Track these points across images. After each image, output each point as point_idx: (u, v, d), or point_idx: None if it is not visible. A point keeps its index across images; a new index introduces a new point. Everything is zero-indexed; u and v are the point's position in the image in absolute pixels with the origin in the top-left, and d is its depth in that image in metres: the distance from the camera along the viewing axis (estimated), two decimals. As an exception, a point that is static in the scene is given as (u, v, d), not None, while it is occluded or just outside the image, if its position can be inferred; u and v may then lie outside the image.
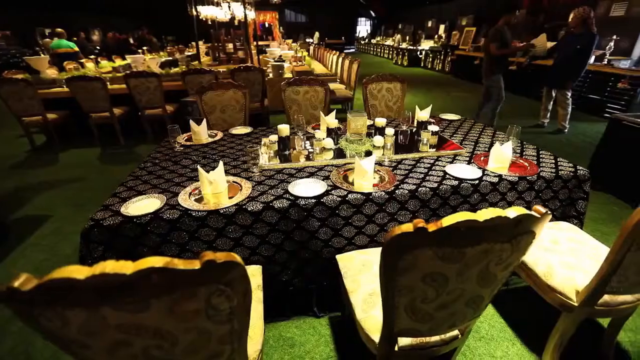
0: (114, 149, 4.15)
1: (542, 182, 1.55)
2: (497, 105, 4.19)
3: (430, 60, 10.68)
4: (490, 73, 4.05)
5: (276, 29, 17.62)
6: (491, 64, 4.00)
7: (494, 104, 4.20)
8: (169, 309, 0.62)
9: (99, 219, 1.23)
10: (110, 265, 0.55)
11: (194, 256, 1.31)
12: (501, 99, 4.17)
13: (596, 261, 1.32)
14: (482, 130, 2.21)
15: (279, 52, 6.50)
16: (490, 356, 1.43)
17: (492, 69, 4.02)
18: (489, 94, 4.24)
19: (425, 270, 0.79)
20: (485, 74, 4.11)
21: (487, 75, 4.09)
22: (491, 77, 4.06)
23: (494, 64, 3.99)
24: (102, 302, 0.58)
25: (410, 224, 0.73)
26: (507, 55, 4.04)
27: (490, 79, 4.08)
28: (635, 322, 1.57)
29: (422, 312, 0.91)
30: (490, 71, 4.04)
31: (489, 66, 4.04)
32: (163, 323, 0.64)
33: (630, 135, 2.43)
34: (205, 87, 2.70)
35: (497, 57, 3.91)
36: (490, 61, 4.01)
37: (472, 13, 9.78)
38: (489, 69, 4.04)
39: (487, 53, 4.01)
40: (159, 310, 0.61)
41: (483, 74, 4.17)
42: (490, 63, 4.01)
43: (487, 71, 4.08)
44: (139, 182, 1.52)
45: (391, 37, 15.21)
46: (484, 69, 4.13)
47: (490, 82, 4.11)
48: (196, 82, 3.98)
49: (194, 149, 1.96)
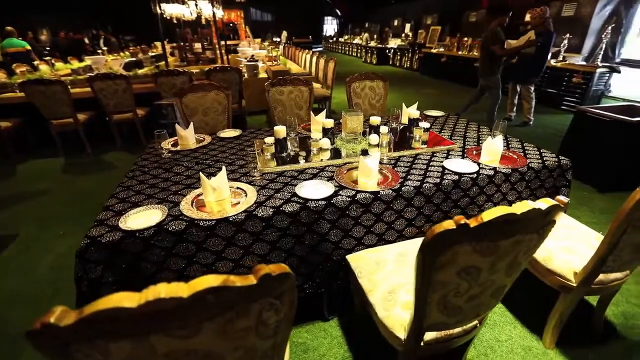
0: (80, 158, 3.84)
1: (531, 173, 1.65)
2: (495, 104, 4.29)
3: (399, 58, 10.97)
4: (491, 73, 4.10)
5: (242, 28, 17.25)
6: (492, 65, 4.06)
7: (493, 103, 4.30)
8: (221, 330, 0.58)
9: (95, 235, 1.13)
10: (164, 289, 0.50)
11: (202, 269, 1.25)
12: (499, 97, 4.28)
13: (587, 244, 1.43)
14: (467, 126, 2.30)
15: (251, 52, 6.36)
16: (496, 340, 1.49)
17: (492, 70, 4.08)
18: (482, 93, 4.36)
19: (462, 265, 0.81)
20: (485, 74, 4.16)
21: (487, 75, 4.14)
22: (491, 77, 4.12)
23: (494, 64, 4.05)
24: (152, 331, 0.53)
25: (451, 220, 0.74)
26: (508, 55, 4.12)
27: (489, 79, 4.15)
28: (616, 296, 1.71)
29: (453, 306, 0.93)
30: (490, 72, 4.10)
31: (489, 67, 4.08)
32: (214, 346, 0.60)
33: (594, 125, 2.65)
34: (185, 89, 2.58)
35: (497, 57, 3.98)
36: (491, 62, 4.05)
37: (436, 12, 10.17)
38: (489, 70, 4.09)
39: (486, 54, 4.05)
40: (211, 333, 0.57)
41: (481, 74, 4.24)
42: (491, 64, 4.06)
43: (486, 71, 4.13)
44: (132, 193, 1.42)
45: (359, 36, 15.42)
46: (482, 69, 4.18)
47: (489, 82, 4.18)
48: (169, 84, 3.79)
49: (184, 155, 1.86)
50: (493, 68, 4.07)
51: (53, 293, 1.87)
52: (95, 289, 1.14)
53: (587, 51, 5.55)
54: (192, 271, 1.25)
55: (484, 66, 4.16)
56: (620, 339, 1.51)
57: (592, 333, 1.52)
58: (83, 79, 4.05)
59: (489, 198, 1.62)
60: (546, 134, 4.32)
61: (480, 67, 4.23)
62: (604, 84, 4.90)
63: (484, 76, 4.21)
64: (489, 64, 4.09)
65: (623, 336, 1.52)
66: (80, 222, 2.51)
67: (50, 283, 1.94)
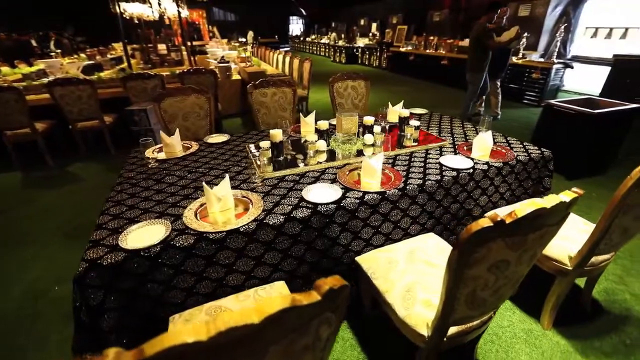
0: (41, 171, 3.51)
1: (520, 165, 1.74)
2: (470, 99, 4.42)
3: (367, 57, 11.17)
4: (478, 70, 4.19)
5: (205, 29, 16.70)
6: (480, 61, 4.14)
7: (468, 98, 4.43)
8: (284, 352, 0.55)
9: (94, 258, 1.03)
10: (233, 317, 0.46)
11: (212, 284, 1.18)
12: (475, 95, 4.39)
13: (577, 229, 1.53)
14: (451, 122, 2.39)
15: (221, 53, 6.16)
16: (499, 327, 1.56)
17: (480, 67, 4.17)
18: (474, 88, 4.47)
19: (493, 260, 0.83)
20: (472, 70, 4.25)
21: (474, 71, 4.23)
22: (476, 74, 4.22)
23: (483, 61, 4.14)
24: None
25: (486, 218, 0.75)
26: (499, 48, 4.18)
27: (474, 75, 4.24)
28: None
29: (479, 299, 0.95)
30: (478, 68, 4.18)
31: (477, 63, 4.17)
32: (274, 368, 0.56)
33: (560, 117, 2.86)
34: (164, 93, 2.44)
35: (487, 53, 4.09)
36: (480, 58, 4.13)
37: (401, 12, 10.47)
38: (478, 66, 4.17)
39: (476, 49, 4.13)
40: (274, 357, 0.54)
41: (468, 69, 4.32)
42: (479, 60, 4.15)
43: (474, 67, 4.21)
44: (125, 208, 1.31)
45: (326, 36, 15.51)
46: (471, 65, 4.26)
47: (472, 79, 4.28)
48: (140, 88, 3.57)
49: (172, 164, 1.76)
50: (481, 65, 4.15)
51: (30, 324, 1.69)
52: (97, 317, 1.04)
53: (543, 49, 5.99)
54: (202, 288, 1.18)
55: (473, 62, 4.22)
56: (605, 313, 1.64)
57: (582, 311, 1.64)
58: (39, 85, 3.70)
59: (483, 191, 1.69)
60: (514, 127, 4.59)
61: (469, 63, 4.29)
62: (559, 78, 5.31)
63: (470, 72, 4.28)
64: (477, 60, 4.16)
65: (608, 310, 1.65)
66: (48, 243, 2.29)
67: (27, 315, 1.75)
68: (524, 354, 1.44)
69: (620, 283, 1.80)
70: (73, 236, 2.37)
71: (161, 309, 1.15)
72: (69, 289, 1.84)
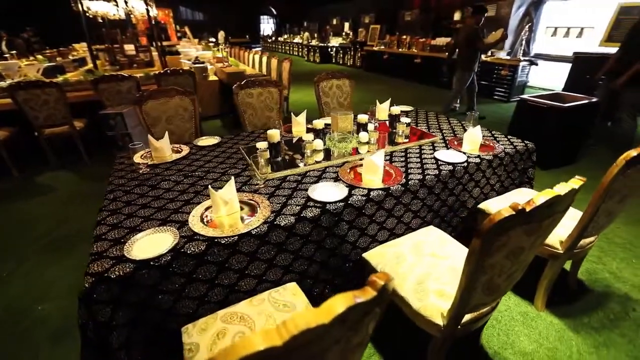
0: (5, 182, 3.23)
1: (508, 158, 1.84)
2: (455, 97, 4.61)
3: (341, 56, 11.27)
4: (468, 69, 4.38)
5: (172, 28, 16.11)
6: (470, 61, 4.34)
7: (453, 95, 4.59)
8: (342, 352, 0.55)
9: (100, 271, 0.97)
10: (306, 319, 0.45)
11: (224, 291, 1.15)
12: (460, 93, 4.56)
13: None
14: (437, 118, 2.47)
15: (195, 53, 5.96)
16: (498, 312, 1.64)
17: (470, 66, 4.36)
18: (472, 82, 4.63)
19: (512, 247, 0.87)
20: (463, 69, 4.42)
21: (464, 70, 4.40)
22: (465, 72, 4.39)
23: (473, 61, 4.34)
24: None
25: (508, 207, 0.79)
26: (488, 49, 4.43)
27: (464, 74, 4.41)
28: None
29: (494, 286, 0.99)
30: (468, 67, 4.37)
31: (468, 63, 4.35)
32: (331, 368, 0.56)
33: (534, 111, 3.04)
34: (145, 96, 2.33)
35: (477, 54, 4.29)
36: (470, 58, 4.33)
37: (372, 12, 10.66)
38: (468, 66, 4.36)
39: (468, 50, 4.31)
40: (334, 357, 0.53)
41: (459, 68, 4.49)
42: (470, 60, 4.34)
43: (464, 67, 4.39)
44: (123, 217, 1.24)
45: (299, 35, 15.47)
46: (461, 65, 4.43)
47: (462, 77, 4.45)
48: (113, 90, 3.39)
49: (165, 169, 1.68)
50: (470, 64, 4.36)
51: (16, 348, 1.55)
52: (105, 333, 0.98)
53: (509, 47, 6.33)
54: (215, 295, 1.15)
55: (463, 62, 4.40)
56: (590, 291, 1.77)
57: (570, 291, 1.75)
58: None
59: (476, 184, 1.76)
60: (487, 122, 4.81)
61: (460, 62, 4.46)
62: (525, 75, 5.65)
63: (461, 71, 4.46)
64: (468, 60, 4.35)
65: (591, 289, 1.78)
66: (25, 258, 2.13)
67: (10, 337, 1.61)
68: (523, 335, 1.52)
69: (600, 263, 1.95)
70: (52, 250, 2.21)
71: (172, 321, 1.10)
72: (54, 307, 1.73)
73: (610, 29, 4.46)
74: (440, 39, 7.28)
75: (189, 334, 1.04)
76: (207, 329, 1.04)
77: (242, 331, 1.02)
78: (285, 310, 1.10)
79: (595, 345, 1.47)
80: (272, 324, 1.04)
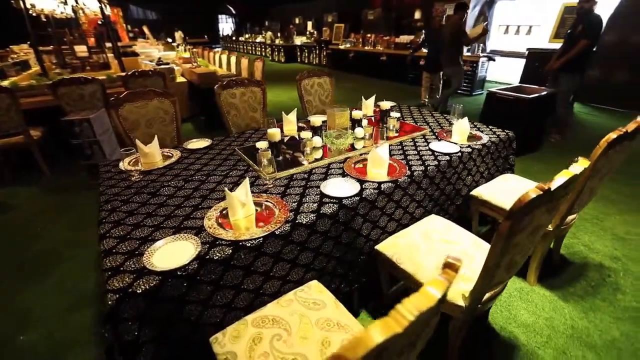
0: (-51, 202, 2.85)
1: (494, 146, 1.96)
2: (456, 90, 4.80)
3: (307, 55, 11.28)
4: (457, 63, 4.60)
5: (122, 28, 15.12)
6: (457, 55, 4.56)
7: (454, 89, 4.79)
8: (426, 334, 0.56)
9: (124, 287, 0.90)
10: (419, 303, 0.46)
11: (250, 295, 1.12)
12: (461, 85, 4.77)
13: (548, 195, 1.79)
14: (420, 112, 2.57)
15: (158, 54, 5.64)
16: (496, 291, 1.75)
17: (458, 60, 4.58)
18: (449, 82, 4.84)
19: (535, 225, 0.94)
20: (452, 64, 4.62)
21: (453, 65, 4.61)
22: (456, 67, 4.61)
23: (459, 55, 4.56)
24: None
25: (535, 188, 0.85)
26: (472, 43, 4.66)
27: (455, 69, 4.63)
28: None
29: (514, 263, 1.06)
30: (456, 61, 4.58)
31: (455, 57, 4.56)
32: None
33: (502, 103, 3.27)
34: (121, 99, 2.18)
35: (462, 48, 4.52)
36: (457, 53, 4.54)
37: (335, 10, 10.78)
38: (455, 60, 4.58)
39: (453, 45, 4.50)
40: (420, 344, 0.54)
41: (446, 64, 4.70)
42: (456, 54, 4.55)
43: (455, 62, 4.59)
44: (130, 228, 1.16)
45: (261, 35, 15.22)
46: (448, 60, 4.63)
47: (454, 72, 4.66)
48: (75, 94, 3.12)
49: (160, 174, 1.59)
50: (458, 58, 4.59)
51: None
52: (132, 354, 0.91)
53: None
54: (241, 301, 1.11)
55: (450, 57, 4.62)
56: (570, 264, 1.95)
57: (554, 265, 1.92)
58: None
59: (469, 172, 1.87)
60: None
61: (447, 58, 4.67)
62: (485, 70, 6.05)
63: (450, 66, 4.68)
64: (455, 55, 4.58)
65: (572, 261, 1.97)
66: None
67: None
68: (522, 309, 1.64)
69: (575, 238, 2.15)
70: (22, 274, 1.99)
71: (199, 332, 1.04)
72: (38, 336, 1.57)
73: (557, 26, 4.92)
74: (403, 37, 7.56)
75: (221, 343, 1.00)
76: (239, 336, 1.00)
77: (278, 334, 1.00)
78: (316, 308, 1.09)
79: (584, 311, 1.63)
80: (307, 324, 1.03)
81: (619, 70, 4.86)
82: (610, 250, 2.04)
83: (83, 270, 2.01)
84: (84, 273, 1.99)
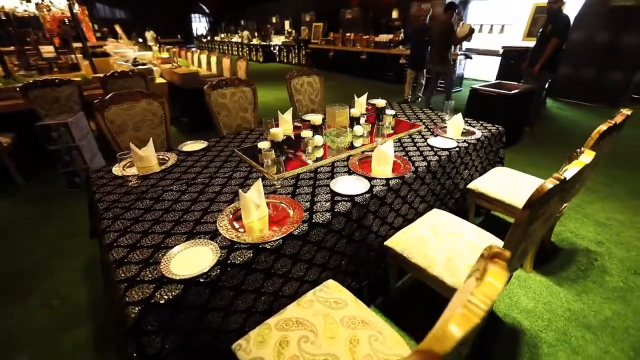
0: None
1: (487, 140, 2.03)
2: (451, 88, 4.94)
3: (285, 55, 11.21)
4: (447, 61, 4.70)
5: (88, 27, 14.39)
6: (447, 53, 4.66)
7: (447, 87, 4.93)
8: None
9: (146, 298, 0.85)
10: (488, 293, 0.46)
11: (269, 299, 1.10)
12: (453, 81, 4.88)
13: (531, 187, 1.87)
14: (412, 109, 2.62)
15: (134, 54, 5.41)
16: (496, 279, 1.82)
17: (448, 58, 4.69)
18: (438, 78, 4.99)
19: (549, 213, 0.98)
20: (442, 62, 4.73)
21: (444, 63, 4.72)
22: (447, 64, 4.72)
23: (449, 52, 4.67)
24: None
25: (552, 178, 0.89)
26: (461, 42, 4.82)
27: (446, 66, 4.74)
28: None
29: (525, 251, 1.11)
30: (446, 59, 4.69)
31: (446, 55, 4.68)
32: None
33: (485, 99, 3.40)
34: (106, 101, 2.08)
35: (450, 46, 4.63)
36: (446, 51, 4.64)
37: (312, 10, 10.76)
38: (445, 58, 4.69)
39: (442, 44, 4.61)
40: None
41: (436, 62, 4.79)
42: (446, 52, 4.65)
43: (446, 60, 4.70)
44: (138, 236, 1.10)
45: (237, 34, 14.95)
46: (439, 58, 4.73)
47: (446, 69, 4.78)
48: (49, 97, 2.93)
49: (159, 179, 1.52)
50: (448, 56, 4.70)
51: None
52: (155, 366, 0.87)
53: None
54: (261, 305, 1.08)
55: (441, 55, 4.73)
56: (560, 250, 2.06)
57: (546, 252, 2.02)
58: None
59: (466, 166, 1.93)
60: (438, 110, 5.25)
61: (437, 56, 4.78)
62: (462, 68, 6.25)
63: (440, 64, 4.79)
64: (445, 53, 4.69)
65: (561, 248, 2.08)
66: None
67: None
68: (522, 295, 1.71)
69: (562, 225, 2.27)
70: (3, 294, 1.84)
71: (221, 339, 1.01)
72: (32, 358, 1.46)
73: (530, 25, 5.17)
74: (383, 36, 7.67)
75: (246, 350, 0.97)
76: (264, 341, 0.98)
77: (305, 336, 0.98)
78: (338, 307, 1.09)
79: (577, 294, 1.72)
80: (332, 323, 1.02)
81: (586, 67, 5.18)
82: (594, 236, 2.17)
83: (71, 285, 1.89)
84: (71, 288, 1.87)
